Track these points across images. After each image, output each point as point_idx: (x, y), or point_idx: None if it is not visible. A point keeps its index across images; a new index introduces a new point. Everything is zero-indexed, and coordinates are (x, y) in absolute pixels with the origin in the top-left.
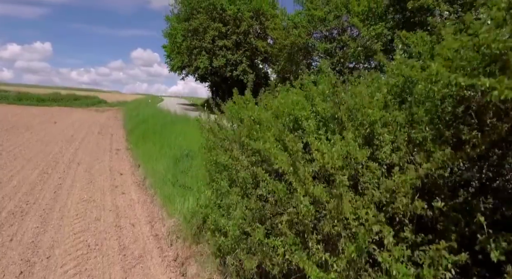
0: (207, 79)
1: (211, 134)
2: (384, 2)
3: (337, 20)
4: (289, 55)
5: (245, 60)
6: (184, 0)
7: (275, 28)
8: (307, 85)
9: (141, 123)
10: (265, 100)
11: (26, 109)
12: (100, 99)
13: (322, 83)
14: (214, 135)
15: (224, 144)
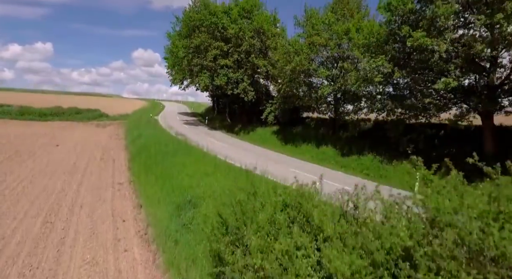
0: (208, 90)
1: None
2: (383, 34)
3: (338, 47)
4: (290, 79)
5: (246, 79)
6: (185, 19)
7: (276, 48)
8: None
9: (143, 150)
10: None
11: (28, 127)
12: (101, 113)
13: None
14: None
15: None
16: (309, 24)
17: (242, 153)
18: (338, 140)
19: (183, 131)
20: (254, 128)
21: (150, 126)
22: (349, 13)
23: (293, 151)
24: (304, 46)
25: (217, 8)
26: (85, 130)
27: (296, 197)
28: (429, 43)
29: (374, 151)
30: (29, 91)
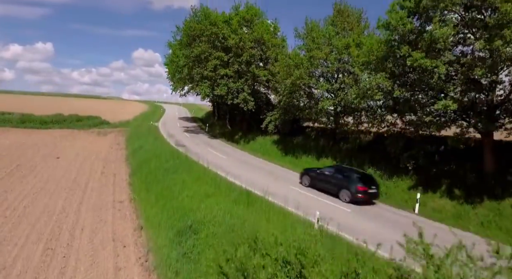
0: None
1: None
2: (382, 51)
3: (338, 62)
4: (290, 91)
5: (246, 88)
6: (186, 28)
7: (277, 59)
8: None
9: (144, 164)
10: None
11: (30, 136)
12: (102, 120)
13: None
14: None
15: None
16: (309, 37)
17: (242, 168)
18: (339, 152)
19: (184, 140)
20: (255, 137)
21: (151, 136)
22: (349, 27)
23: (293, 163)
24: (304, 59)
25: (218, 17)
26: (86, 139)
27: (297, 254)
28: (429, 64)
29: (375, 165)
30: (30, 94)
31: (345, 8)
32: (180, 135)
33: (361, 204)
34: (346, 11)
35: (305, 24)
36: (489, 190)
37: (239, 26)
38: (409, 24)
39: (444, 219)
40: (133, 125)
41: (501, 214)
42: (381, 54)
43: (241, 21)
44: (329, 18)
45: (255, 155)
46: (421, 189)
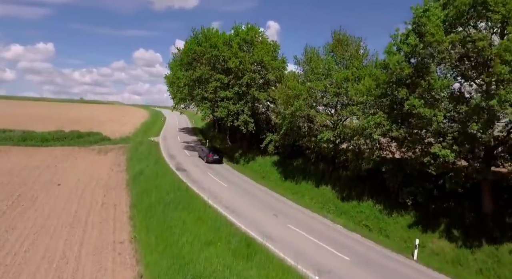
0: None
1: None
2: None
3: (336, 96)
4: (290, 121)
5: (246, 110)
6: (187, 51)
7: (277, 82)
8: None
9: (144, 195)
10: None
11: (31, 156)
12: (103, 136)
13: None
14: None
15: None
16: (309, 68)
17: (243, 200)
18: (338, 180)
19: (184, 162)
20: (254, 156)
21: (151, 158)
22: (348, 56)
23: (293, 190)
24: (303, 90)
25: (218, 38)
26: (87, 158)
27: None
28: (428, 113)
29: (374, 197)
30: (30, 99)
31: (344, 37)
32: (180, 154)
33: (211, 163)
34: (345, 40)
35: (305, 51)
36: (487, 232)
37: (239, 49)
38: (407, 68)
39: (444, 266)
40: (134, 141)
41: (500, 261)
42: (378, 93)
43: (241, 42)
44: (329, 46)
45: (255, 178)
46: (421, 228)
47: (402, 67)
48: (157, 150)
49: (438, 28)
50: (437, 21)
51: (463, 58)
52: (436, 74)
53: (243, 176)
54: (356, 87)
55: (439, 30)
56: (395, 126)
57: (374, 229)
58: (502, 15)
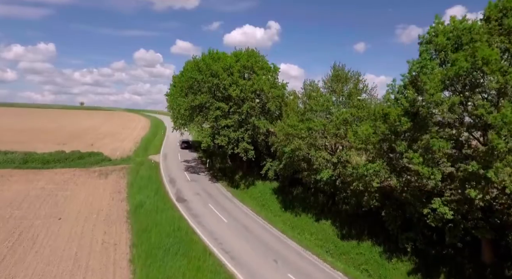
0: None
1: None
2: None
3: (335, 138)
4: (290, 158)
5: (246, 137)
6: (188, 78)
7: (277, 107)
8: None
9: (144, 234)
10: None
11: (32, 183)
12: (103, 157)
13: None
14: None
15: None
16: (307, 106)
17: (242, 243)
18: (338, 214)
19: (185, 190)
20: (254, 180)
21: (152, 187)
22: (347, 95)
23: (292, 222)
24: (303, 129)
25: (218, 64)
26: (87, 184)
27: None
28: (426, 172)
29: (374, 237)
30: (29, 106)
31: (342, 73)
32: (180, 178)
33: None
34: (344, 75)
35: (304, 85)
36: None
37: (239, 77)
38: (406, 123)
39: None
40: (134, 162)
41: None
42: (377, 140)
43: (242, 69)
44: (328, 80)
45: (255, 207)
46: (420, 276)
47: (402, 122)
48: (158, 173)
49: (436, 88)
50: (436, 80)
51: (461, 120)
52: (434, 133)
53: (243, 206)
54: (354, 134)
55: (437, 90)
56: (394, 176)
57: (374, 275)
58: (500, 83)
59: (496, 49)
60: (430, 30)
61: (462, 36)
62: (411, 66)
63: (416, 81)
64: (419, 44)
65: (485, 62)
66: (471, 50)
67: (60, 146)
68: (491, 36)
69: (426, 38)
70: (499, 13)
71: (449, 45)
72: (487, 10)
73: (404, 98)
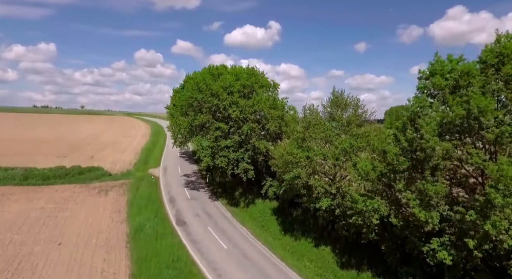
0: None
1: None
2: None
3: (335, 168)
4: (289, 184)
5: (246, 157)
6: (188, 98)
7: (278, 130)
8: None
9: (143, 264)
10: None
11: (32, 202)
12: (103, 172)
13: None
14: None
15: None
16: (307, 133)
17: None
18: (338, 240)
19: (184, 209)
20: (254, 198)
21: (152, 208)
22: (347, 123)
23: (292, 247)
24: (302, 158)
25: (218, 83)
26: (87, 202)
27: None
28: (422, 217)
29: (373, 267)
30: (31, 111)
31: (341, 99)
32: (181, 196)
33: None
34: (342, 101)
35: (303, 110)
36: None
37: (240, 96)
38: (404, 162)
39: None
40: (134, 176)
41: None
42: (375, 176)
43: (242, 89)
44: (328, 105)
45: (255, 229)
46: None
47: (400, 162)
48: (158, 191)
49: (432, 132)
50: (432, 124)
51: (456, 167)
52: (430, 177)
53: (242, 228)
54: (354, 167)
55: (433, 134)
56: (392, 213)
57: None
58: (495, 135)
59: (492, 99)
60: (429, 67)
61: (460, 80)
62: (410, 106)
63: (415, 120)
64: (418, 79)
65: (481, 111)
66: (467, 98)
67: (61, 159)
68: (488, 83)
69: (426, 74)
70: (496, 59)
71: (447, 88)
72: (483, 54)
73: (403, 136)
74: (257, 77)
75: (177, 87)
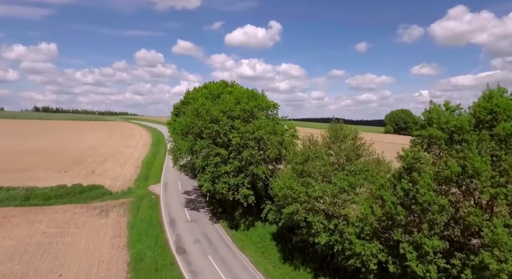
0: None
1: None
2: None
3: (334, 206)
4: (289, 219)
5: (246, 182)
6: (188, 123)
7: (278, 156)
8: None
9: None
10: None
11: (34, 226)
12: (104, 190)
13: None
14: None
15: None
16: (306, 168)
17: None
18: (337, 272)
19: (185, 234)
20: (254, 221)
21: (152, 233)
22: (345, 155)
23: (290, 277)
24: (302, 193)
25: (218, 107)
26: (88, 225)
27: None
28: (419, 271)
29: None
30: (32, 118)
31: (340, 133)
32: (181, 219)
33: None
34: (341, 134)
35: (303, 143)
36: None
37: (240, 122)
38: (401, 213)
39: None
40: (135, 194)
41: None
42: (373, 220)
43: (242, 114)
44: (326, 139)
45: (255, 257)
46: None
47: (398, 211)
48: (158, 213)
49: (428, 187)
50: (426, 178)
51: (450, 222)
52: (426, 230)
53: (242, 255)
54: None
55: (429, 189)
56: (390, 259)
57: None
58: (491, 195)
59: (487, 158)
60: (425, 114)
61: (454, 134)
62: (405, 156)
63: (411, 171)
64: (413, 124)
65: (476, 172)
66: (463, 154)
67: (62, 174)
68: (483, 140)
69: (422, 121)
70: (489, 116)
71: (442, 139)
72: (476, 109)
73: (400, 184)
74: (257, 101)
75: (177, 103)
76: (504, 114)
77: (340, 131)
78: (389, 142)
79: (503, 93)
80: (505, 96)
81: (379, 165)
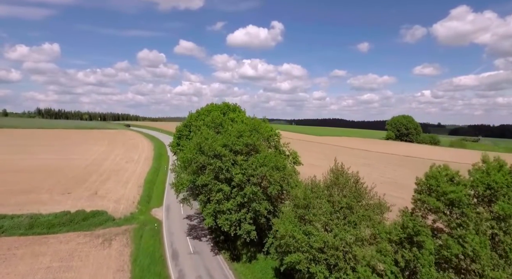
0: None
1: None
2: None
3: (336, 259)
4: (291, 266)
5: (248, 218)
6: (193, 157)
7: (280, 194)
8: None
9: None
10: None
11: (37, 260)
12: (107, 216)
13: None
14: None
15: None
16: (307, 216)
17: None
18: None
19: (188, 269)
20: (256, 253)
21: (154, 265)
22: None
23: None
24: (304, 242)
25: (221, 141)
26: (91, 256)
27: None
28: None
29: None
30: (32, 127)
31: (341, 178)
32: (183, 251)
33: None
34: (342, 180)
35: (304, 189)
36: None
37: (242, 157)
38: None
39: None
40: (138, 221)
41: None
42: None
43: (244, 148)
44: (326, 184)
45: None
46: None
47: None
48: (161, 244)
49: (429, 263)
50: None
51: None
52: None
53: None
54: None
55: (430, 265)
56: None
57: None
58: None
59: (486, 239)
60: (427, 176)
61: (454, 208)
62: (403, 220)
63: (412, 244)
64: (414, 190)
65: (475, 254)
66: (463, 233)
67: (65, 196)
68: (481, 220)
69: (422, 184)
70: (487, 190)
71: (441, 212)
72: (475, 182)
73: (401, 250)
74: (260, 132)
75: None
76: (502, 191)
77: (342, 178)
78: (392, 153)
79: (502, 167)
80: (505, 169)
81: (380, 208)
